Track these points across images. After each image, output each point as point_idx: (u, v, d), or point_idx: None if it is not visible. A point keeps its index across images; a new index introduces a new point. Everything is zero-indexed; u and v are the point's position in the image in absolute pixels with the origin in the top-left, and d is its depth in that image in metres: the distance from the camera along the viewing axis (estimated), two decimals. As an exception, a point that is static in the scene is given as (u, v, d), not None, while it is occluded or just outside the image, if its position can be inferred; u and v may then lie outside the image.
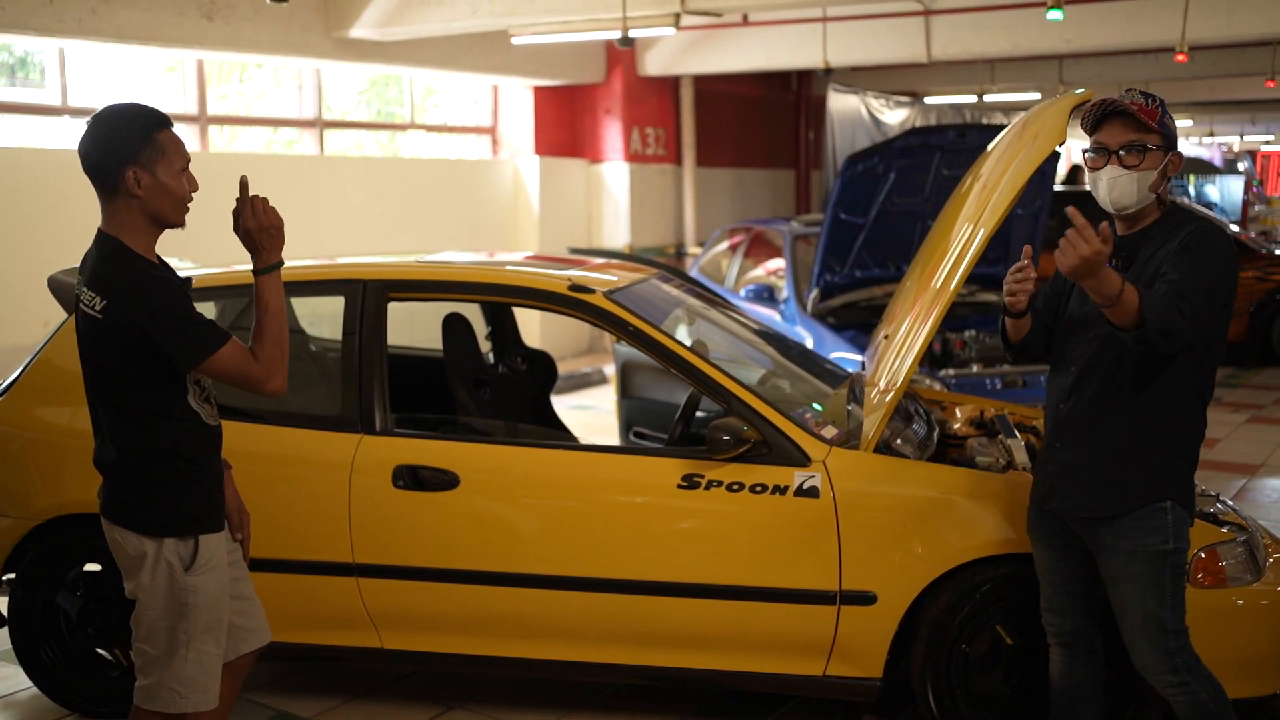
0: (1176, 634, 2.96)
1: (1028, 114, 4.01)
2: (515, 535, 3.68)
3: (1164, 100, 3.05)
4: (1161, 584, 2.93)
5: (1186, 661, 2.97)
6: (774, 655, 3.61)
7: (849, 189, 7.03)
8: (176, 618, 2.75)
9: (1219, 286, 2.86)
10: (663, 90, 12.32)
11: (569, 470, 3.75)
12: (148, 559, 2.74)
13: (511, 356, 5.09)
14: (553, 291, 3.89)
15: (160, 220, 2.72)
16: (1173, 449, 2.96)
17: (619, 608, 3.66)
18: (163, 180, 2.66)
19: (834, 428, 3.74)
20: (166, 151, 2.66)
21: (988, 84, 13.76)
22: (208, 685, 2.81)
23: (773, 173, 14.53)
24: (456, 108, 11.93)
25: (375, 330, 3.83)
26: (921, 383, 6.33)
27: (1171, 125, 2.99)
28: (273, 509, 3.81)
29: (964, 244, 3.69)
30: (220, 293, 4.38)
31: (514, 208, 11.46)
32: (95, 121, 2.68)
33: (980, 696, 3.53)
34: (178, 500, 2.76)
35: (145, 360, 2.68)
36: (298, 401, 4.13)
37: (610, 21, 8.13)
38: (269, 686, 4.22)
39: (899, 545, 3.48)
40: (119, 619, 3.91)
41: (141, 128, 2.65)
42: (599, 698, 4.10)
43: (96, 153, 2.65)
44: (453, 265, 4.29)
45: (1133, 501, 2.93)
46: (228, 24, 8.21)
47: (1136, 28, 9.52)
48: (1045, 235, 7.88)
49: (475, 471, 3.67)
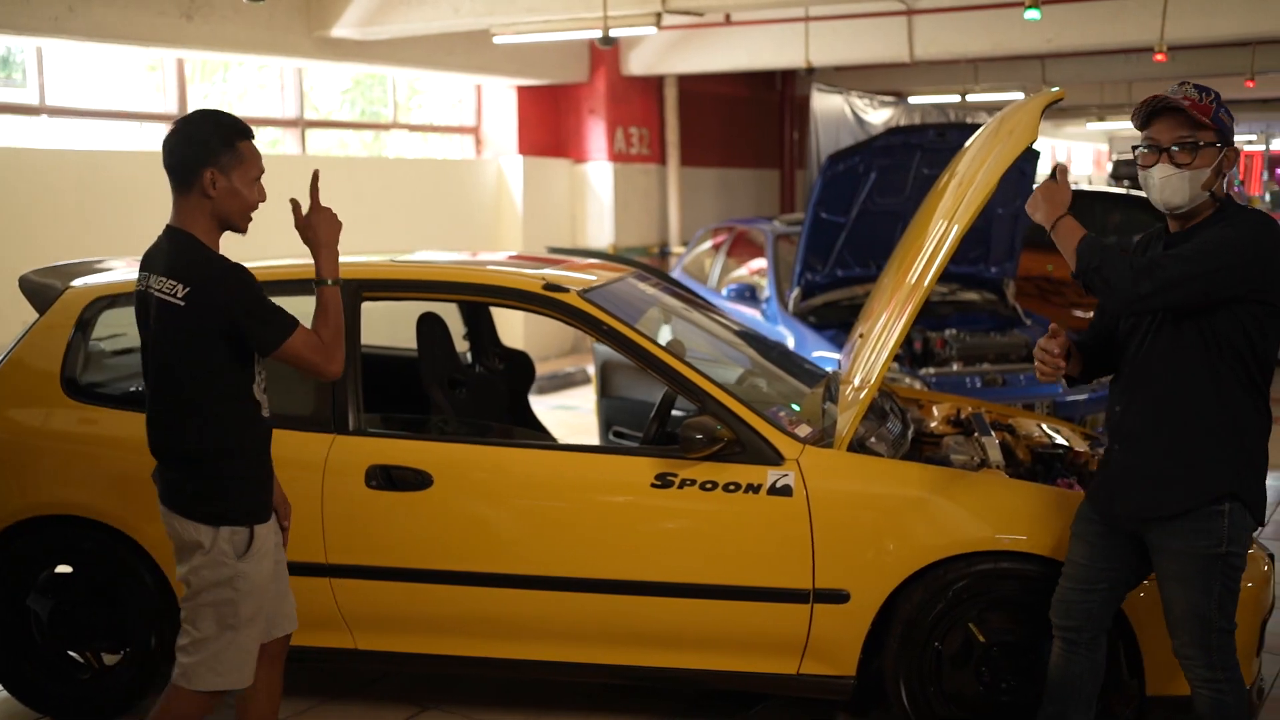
0: (1220, 632, 2.94)
1: (1004, 111, 4.02)
2: (489, 535, 3.67)
3: (1219, 94, 2.96)
4: (1210, 585, 2.91)
5: (1224, 660, 2.95)
6: (748, 654, 3.61)
7: (830, 188, 7.03)
8: (224, 603, 2.86)
9: (1215, 262, 2.80)
10: (647, 90, 12.32)
11: (542, 470, 3.74)
12: (204, 546, 2.85)
13: (489, 356, 5.08)
14: (527, 291, 3.88)
15: (226, 223, 2.88)
16: (1230, 449, 2.91)
17: (593, 607, 3.65)
18: (237, 186, 2.83)
19: (808, 426, 3.74)
20: (245, 160, 2.84)
21: (971, 84, 13.79)
22: (244, 665, 2.92)
23: (757, 172, 14.54)
24: (440, 107, 11.91)
25: (348, 329, 3.82)
26: (901, 381, 6.33)
27: (1228, 120, 2.91)
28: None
29: (939, 240, 3.70)
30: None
31: (497, 208, 11.44)
32: (184, 121, 2.86)
33: (953, 694, 3.53)
34: (236, 490, 2.88)
35: (223, 346, 2.82)
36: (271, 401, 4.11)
37: (591, 21, 8.12)
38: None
39: (872, 543, 3.48)
40: (90, 621, 3.90)
41: (225, 134, 2.82)
42: (575, 698, 4.09)
43: (180, 151, 2.83)
44: (427, 265, 4.28)
45: (1189, 502, 2.90)
46: (207, 23, 8.18)
47: (1116, 28, 9.55)
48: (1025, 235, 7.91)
49: (449, 471, 3.66)
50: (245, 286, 2.80)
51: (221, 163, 2.80)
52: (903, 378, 6.44)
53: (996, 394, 6.64)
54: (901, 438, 3.92)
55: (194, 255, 2.82)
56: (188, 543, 2.88)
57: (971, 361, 6.95)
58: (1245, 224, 2.88)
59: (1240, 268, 2.81)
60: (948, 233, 3.63)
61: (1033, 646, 3.48)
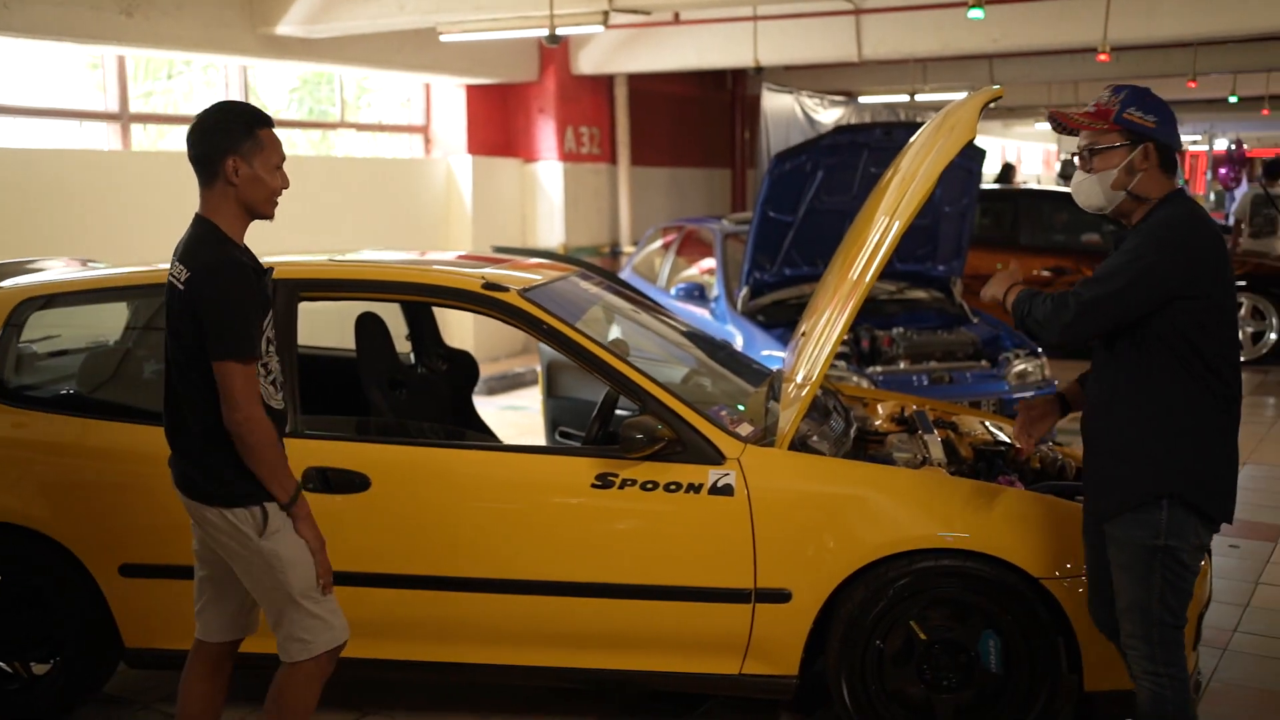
0: (1162, 626, 2.95)
1: (946, 109, 4.04)
2: (428, 537, 3.63)
3: (1138, 91, 2.97)
4: (1150, 577, 2.94)
5: (1166, 656, 2.97)
6: (690, 654, 3.59)
7: (777, 187, 7.04)
8: (271, 581, 2.93)
9: (1121, 280, 2.85)
10: (597, 89, 12.28)
11: (482, 471, 3.70)
12: (222, 529, 2.92)
13: (431, 357, 5.03)
14: (466, 290, 3.84)
15: (252, 210, 2.94)
16: (1173, 446, 2.93)
17: (534, 609, 3.62)
18: (259, 173, 2.89)
19: (750, 425, 3.73)
20: (265, 147, 2.90)
21: (920, 84, 13.87)
22: (327, 626, 3.01)
23: (708, 172, 14.54)
24: (389, 106, 11.80)
25: (285, 330, 3.75)
26: (849, 380, 6.35)
27: (1140, 117, 2.92)
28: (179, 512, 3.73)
29: (880, 236, 3.70)
30: (134, 292, 4.30)
31: (447, 207, 11.36)
32: (204, 113, 2.92)
33: (895, 692, 3.54)
34: (232, 475, 2.89)
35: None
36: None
37: (538, 19, 8.07)
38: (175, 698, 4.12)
39: (813, 542, 3.47)
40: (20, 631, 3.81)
41: (246, 122, 2.89)
42: (519, 701, 4.06)
43: (202, 142, 2.89)
44: (365, 264, 4.23)
45: (1130, 498, 2.95)
46: (147, 19, 8.04)
47: (1060, 28, 9.64)
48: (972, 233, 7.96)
49: (386, 473, 3.62)
50: (228, 286, 2.82)
51: (243, 150, 2.86)
52: (850, 376, 6.46)
53: (944, 391, 6.68)
54: (844, 436, 3.92)
55: (205, 243, 2.88)
56: (211, 525, 2.96)
57: (918, 359, 6.99)
58: (1152, 232, 2.91)
59: (1148, 279, 2.86)
60: (889, 229, 3.63)
61: (973, 644, 3.49)
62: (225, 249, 2.87)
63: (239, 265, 2.85)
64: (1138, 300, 2.87)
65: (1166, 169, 2.98)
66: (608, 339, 4.13)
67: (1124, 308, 2.88)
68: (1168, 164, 2.98)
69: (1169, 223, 2.92)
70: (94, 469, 3.84)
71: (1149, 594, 2.95)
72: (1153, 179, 2.95)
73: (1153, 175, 2.95)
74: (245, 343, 2.83)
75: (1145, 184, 2.95)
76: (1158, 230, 2.91)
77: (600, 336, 3.94)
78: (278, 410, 3.03)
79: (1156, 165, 2.95)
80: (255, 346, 2.86)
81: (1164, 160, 2.97)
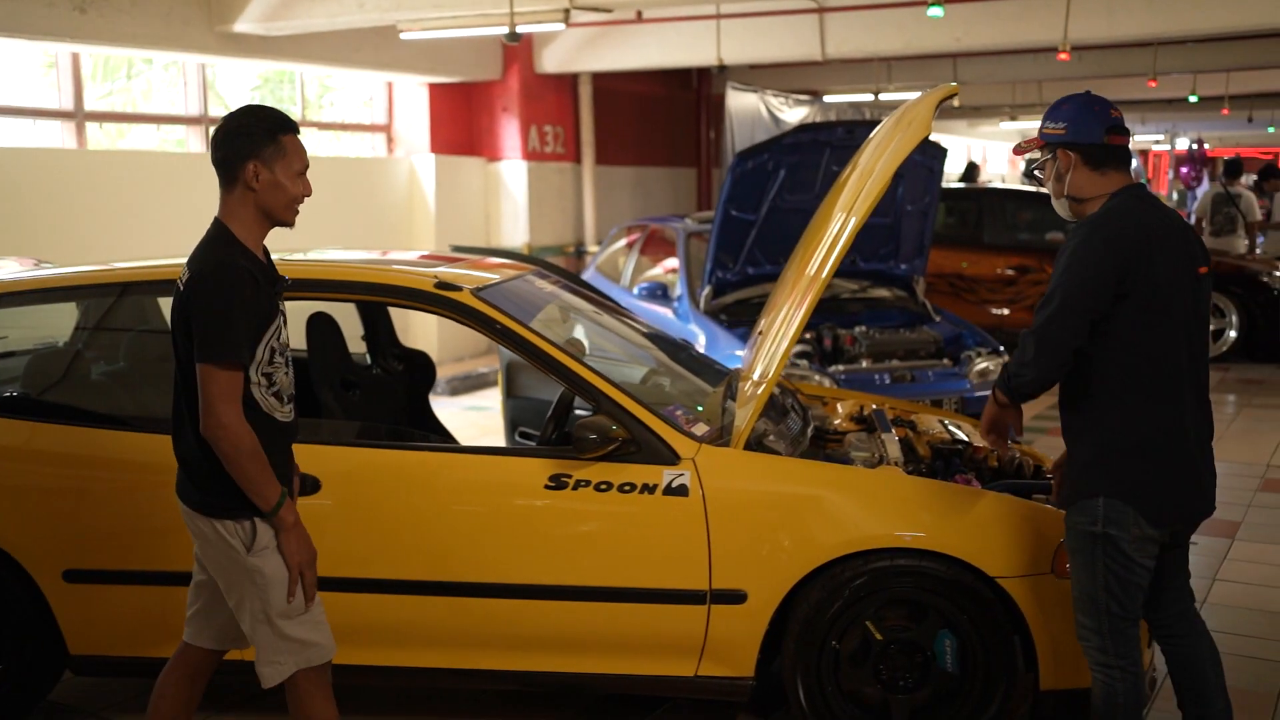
0: (1111, 616, 2.99)
1: (903, 106, 4.04)
2: (379, 540, 3.57)
3: (1054, 104, 3.10)
4: (1093, 565, 2.99)
5: (1117, 648, 3.00)
6: (646, 657, 3.56)
7: (740, 186, 7.02)
8: (251, 597, 2.86)
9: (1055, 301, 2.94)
10: (561, 88, 12.22)
11: (434, 473, 3.65)
12: (209, 538, 2.86)
13: (386, 357, 4.97)
14: (419, 289, 3.78)
15: (271, 216, 2.89)
16: (1103, 444, 2.99)
17: (489, 612, 3.58)
18: (280, 179, 2.84)
19: (705, 425, 3.70)
20: (287, 153, 2.86)
21: (885, 83, 13.90)
22: (302, 647, 2.90)
23: (674, 171, 14.51)
24: (351, 105, 11.71)
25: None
26: (810, 379, 6.33)
27: (1052, 127, 3.06)
28: (124, 517, 3.67)
29: (838, 232, 3.69)
30: (83, 292, 4.23)
31: (409, 207, 11.27)
32: (228, 117, 2.87)
33: (851, 693, 3.51)
34: (224, 485, 2.81)
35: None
36: (148, 404, 3.98)
37: (498, 17, 8.01)
38: (123, 705, 4.05)
39: (768, 542, 3.44)
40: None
41: (268, 127, 2.84)
42: (473, 705, 4.01)
43: (225, 144, 2.83)
44: (318, 263, 4.16)
45: (1073, 493, 3.04)
46: (102, 16, 7.92)
47: (1021, 27, 9.68)
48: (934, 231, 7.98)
49: (336, 476, 3.55)
50: (219, 289, 2.75)
51: (264, 155, 2.82)
52: (812, 375, 6.44)
53: (905, 390, 6.68)
54: (801, 435, 3.90)
55: (210, 246, 2.84)
56: (198, 534, 2.90)
57: (880, 358, 6.99)
58: (1076, 231, 3.01)
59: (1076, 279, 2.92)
60: (846, 225, 3.62)
61: (929, 644, 3.47)
62: (228, 252, 2.80)
63: (236, 269, 2.77)
64: (1080, 305, 2.91)
65: (1096, 167, 3.03)
66: (564, 338, 4.08)
67: (1074, 317, 2.92)
68: (1095, 162, 3.03)
69: (1091, 219, 3.00)
70: (39, 473, 3.76)
71: (1094, 582, 3.00)
72: (1081, 179, 3.05)
73: (1080, 175, 3.05)
74: (226, 347, 2.74)
75: (1076, 186, 3.07)
76: (1080, 229, 2.99)
77: (556, 336, 3.90)
78: (284, 424, 2.93)
79: (1082, 166, 3.03)
80: (237, 352, 2.75)
81: (1089, 159, 3.03)
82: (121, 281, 4.15)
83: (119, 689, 4.12)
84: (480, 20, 8.23)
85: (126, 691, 4.12)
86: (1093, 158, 3.02)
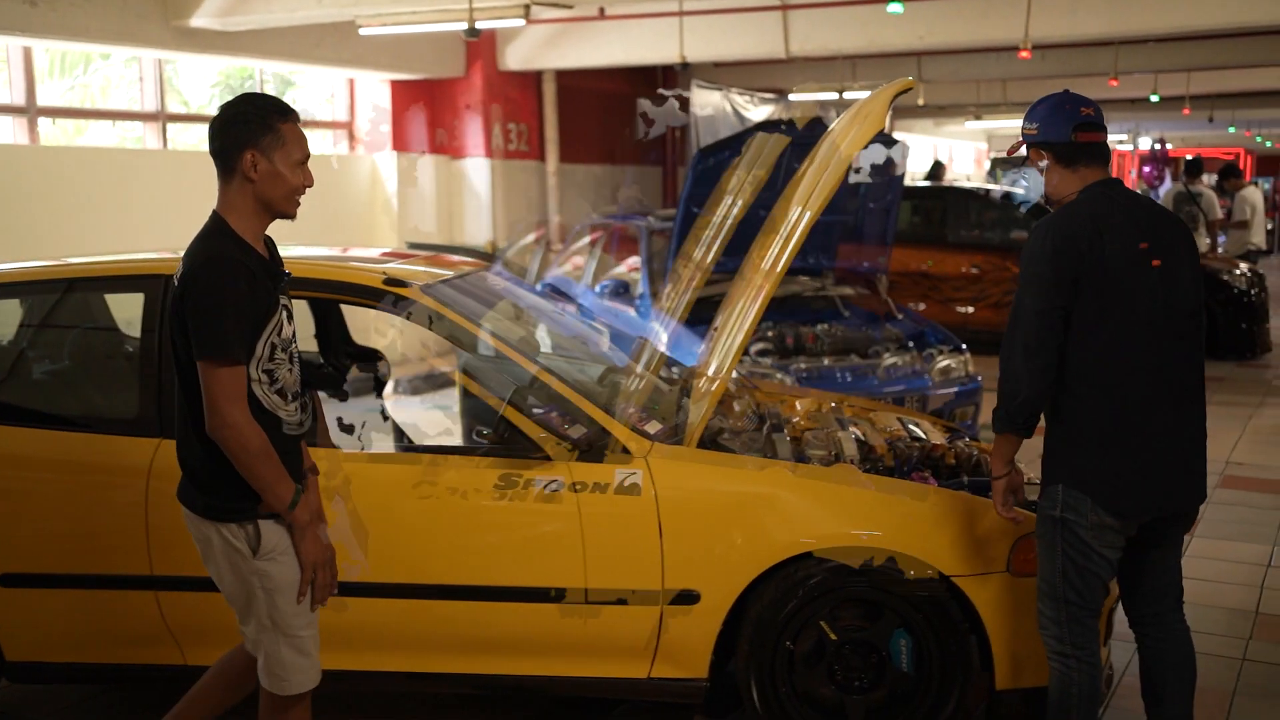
0: (1068, 605, 3.02)
1: (860, 101, 4.01)
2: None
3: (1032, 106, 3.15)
4: (1052, 550, 3.03)
5: (1074, 637, 3.02)
6: (598, 658, 3.50)
7: (701, 183, 6.96)
8: (257, 602, 2.80)
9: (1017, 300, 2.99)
10: (525, 85, 12.15)
11: (382, 473, 3.58)
12: (213, 543, 2.79)
13: (338, 355, 4.88)
14: (366, 286, 3.71)
15: (271, 207, 2.79)
16: (1062, 435, 3.04)
17: (438, 614, 3.51)
18: (279, 168, 2.74)
19: (659, 423, 3.65)
20: (286, 141, 2.75)
21: (849, 81, 13.90)
22: (305, 666, 2.87)
23: (639, 169, 14.47)
24: (313, 102, 11.59)
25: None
26: (771, 377, 6.29)
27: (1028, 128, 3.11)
28: (65, 519, 3.58)
29: (792, 226, 3.66)
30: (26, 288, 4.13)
31: (372, 205, 11.17)
32: (224, 106, 2.77)
33: (806, 693, 3.47)
34: (234, 485, 2.73)
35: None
36: (91, 404, 3.89)
37: (458, 12, 7.94)
38: (69, 711, 3.96)
39: (722, 541, 3.39)
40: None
41: (266, 114, 2.74)
42: (424, 709, 3.94)
43: (221, 134, 2.74)
44: (265, 259, 4.07)
45: (1041, 482, 3.12)
46: (54, 9, 7.79)
47: (984, 25, 9.71)
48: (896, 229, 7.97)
49: (282, 476, 3.47)
50: (212, 281, 2.65)
51: (262, 144, 2.72)
52: (774, 373, 6.41)
53: (866, 388, 6.65)
54: (756, 433, 3.85)
55: (204, 238, 2.75)
56: (199, 539, 2.84)
57: (842, 355, 6.96)
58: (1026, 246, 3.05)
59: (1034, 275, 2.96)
60: (801, 219, 3.59)
61: (885, 643, 3.43)
62: (222, 244, 2.71)
63: (230, 261, 2.68)
64: (1047, 303, 2.93)
65: (1068, 165, 3.06)
66: (516, 335, 4.02)
67: (1044, 320, 2.94)
68: (1067, 160, 3.05)
69: (1047, 218, 3.04)
70: (-26, 474, 3.66)
71: (1053, 567, 3.03)
72: (1055, 177, 3.10)
73: (1054, 174, 3.10)
74: (223, 342, 2.64)
75: (1051, 184, 3.12)
76: (1037, 229, 3.03)
77: (507, 333, 3.84)
78: (290, 422, 2.84)
79: (1055, 164, 3.08)
80: (235, 348, 2.66)
81: (1060, 158, 3.06)
82: (67, 278, 4.06)
83: (65, 695, 4.03)
84: (439, 16, 8.16)
85: (73, 698, 4.02)
86: (1064, 156, 3.06)
